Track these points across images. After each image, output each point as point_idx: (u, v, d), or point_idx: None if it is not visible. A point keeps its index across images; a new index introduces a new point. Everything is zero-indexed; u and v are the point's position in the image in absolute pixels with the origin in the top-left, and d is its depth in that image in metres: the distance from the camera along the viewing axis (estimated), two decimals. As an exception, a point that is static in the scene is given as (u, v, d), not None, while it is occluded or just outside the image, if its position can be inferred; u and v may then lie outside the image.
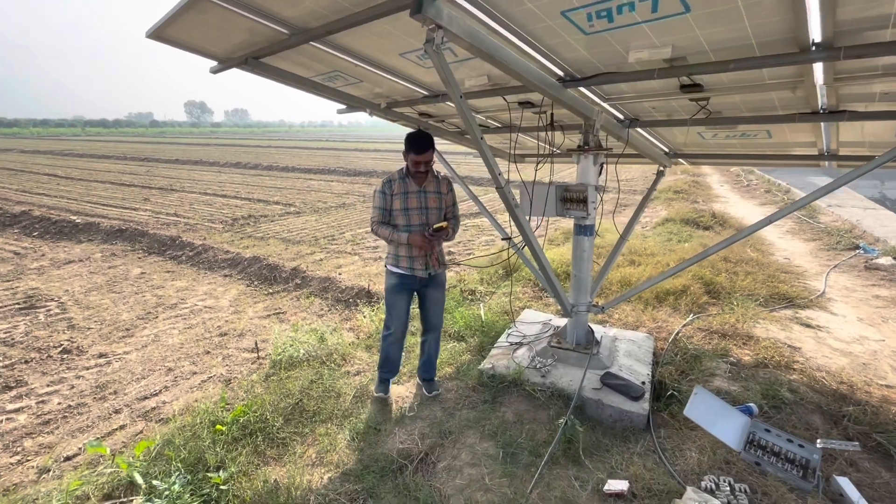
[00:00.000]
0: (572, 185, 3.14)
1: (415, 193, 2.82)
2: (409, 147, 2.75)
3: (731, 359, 3.41)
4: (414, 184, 2.82)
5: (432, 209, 2.87)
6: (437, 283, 3.05)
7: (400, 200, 2.80)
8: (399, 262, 2.89)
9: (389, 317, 3.02)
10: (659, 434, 2.70)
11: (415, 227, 2.83)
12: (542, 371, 3.19)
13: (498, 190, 2.46)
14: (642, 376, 3.13)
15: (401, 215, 2.81)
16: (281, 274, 6.01)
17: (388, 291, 2.99)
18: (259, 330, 4.56)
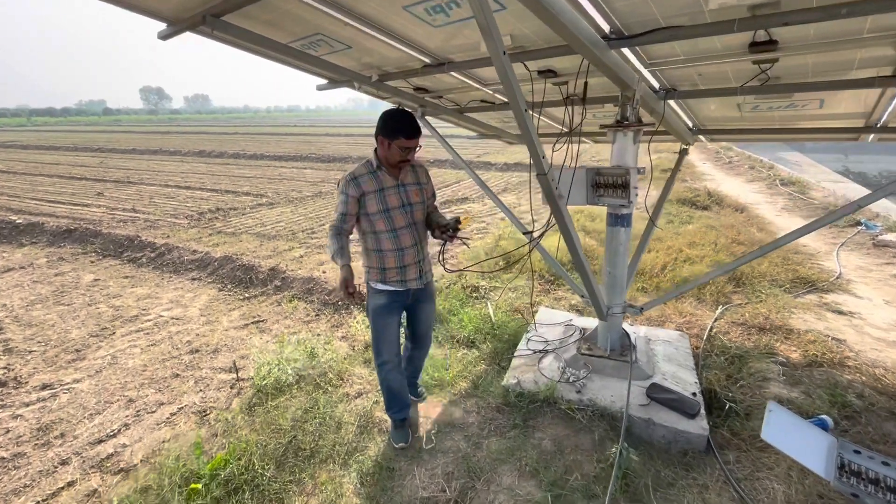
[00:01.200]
0: (607, 169, 2.66)
1: (393, 189, 2.27)
2: (394, 130, 2.15)
3: (780, 358, 3.06)
4: (389, 178, 2.27)
5: (416, 205, 2.35)
6: (429, 294, 2.56)
7: (376, 201, 2.23)
8: (387, 276, 2.35)
9: (380, 344, 2.46)
10: (726, 458, 2.31)
11: (401, 229, 2.31)
12: (578, 385, 2.76)
13: (540, 177, 1.96)
14: (690, 386, 2.74)
15: (381, 219, 2.26)
16: (257, 275, 5.37)
17: (375, 314, 2.42)
18: (236, 344, 3.97)
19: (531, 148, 1.83)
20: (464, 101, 3.76)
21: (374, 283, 2.39)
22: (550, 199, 2.02)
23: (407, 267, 2.37)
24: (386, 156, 2.24)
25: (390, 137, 2.17)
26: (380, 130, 2.20)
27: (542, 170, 1.90)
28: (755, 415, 2.54)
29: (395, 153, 2.19)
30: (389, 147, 2.19)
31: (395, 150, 2.18)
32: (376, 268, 2.36)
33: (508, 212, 3.45)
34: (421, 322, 2.61)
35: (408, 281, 2.39)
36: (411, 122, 2.17)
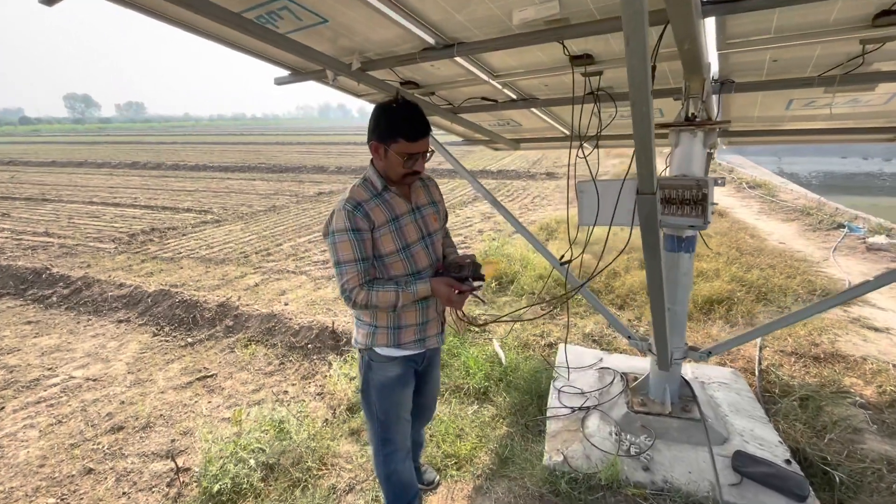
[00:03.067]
0: (669, 180, 2.08)
1: (409, 217, 1.60)
2: (390, 129, 1.47)
3: (857, 398, 2.60)
4: (401, 201, 1.59)
5: (436, 234, 1.69)
6: (438, 355, 1.92)
7: (392, 236, 1.55)
8: (402, 337, 1.65)
9: (391, 430, 1.74)
10: (862, 561, 1.76)
11: (424, 272, 1.63)
12: (644, 459, 2.13)
13: (643, 198, 1.32)
14: (777, 448, 2.19)
15: (400, 260, 1.58)
16: (203, 313, 4.40)
17: (382, 393, 1.70)
18: (176, 412, 3.04)
19: (643, 155, 1.18)
20: (457, 100, 3.08)
21: (383, 349, 1.66)
22: (649, 225, 1.38)
23: (429, 322, 1.68)
24: (385, 169, 1.54)
25: (386, 140, 1.47)
26: (371, 132, 1.50)
27: (650, 188, 1.25)
28: (866, 484, 2.02)
29: (396, 163, 1.49)
30: (386, 154, 1.49)
31: (395, 158, 1.48)
32: (387, 327, 1.63)
33: (539, 244, 2.78)
34: (431, 389, 1.94)
35: (428, 339, 1.70)
36: (415, 117, 1.47)
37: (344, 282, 1.51)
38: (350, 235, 1.48)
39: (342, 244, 1.48)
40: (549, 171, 14.44)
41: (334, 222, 1.50)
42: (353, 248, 1.48)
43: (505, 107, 2.99)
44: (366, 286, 1.52)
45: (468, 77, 2.51)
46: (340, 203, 1.51)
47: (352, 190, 1.54)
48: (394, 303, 1.53)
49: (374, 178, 1.56)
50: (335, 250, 1.51)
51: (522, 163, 17.09)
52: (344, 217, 1.48)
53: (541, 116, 3.32)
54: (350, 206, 1.48)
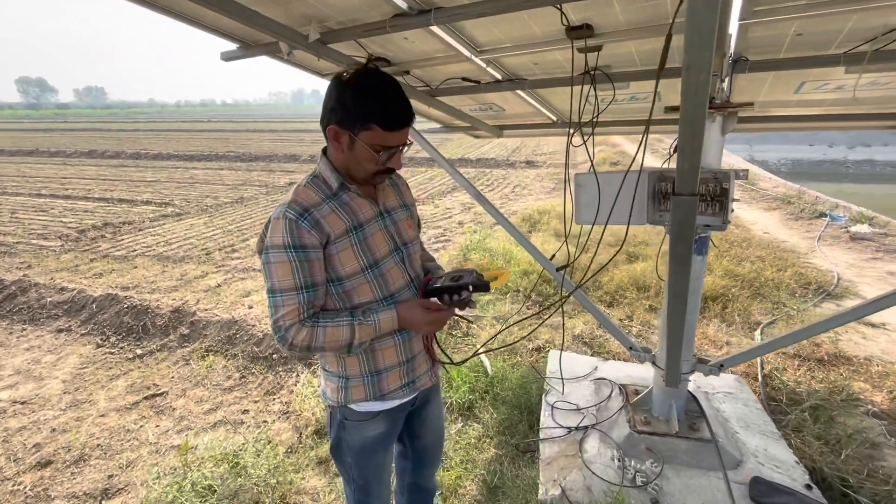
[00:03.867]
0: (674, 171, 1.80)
1: (376, 223, 1.24)
2: (363, 111, 1.09)
3: (870, 407, 2.42)
4: (365, 202, 1.23)
5: (412, 245, 1.33)
6: (437, 392, 1.53)
7: (354, 250, 1.18)
8: (383, 385, 1.28)
9: (370, 493, 1.41)
10: None
11: (401, 293, 1.27)
12: (652, 490, 1.88)
13: (682, 199, 1.02)
14: (793, 469, 1.98)
15: (366, 283, 1.21)
16: (155, 320, 3.96)
17: (361, 456, 1.35)
18: (118, 441, 2.65)
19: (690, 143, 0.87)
20: (435, 80, 2.72)
21: (361, 405, 1.29)
22: (683, 232, 1.08)
23: (416, 358, 1.32)
24: (347, 163, 1.16)
25: (353, 126, 1.09)
26: (330, 112, 1.12)
27: (691, 187, 0.95)
28: (892, 510, 1.83)
29: (364, 158, 1.12)
30: (352, 145, 1.12)
31: (364, 152, 1.11)
32: (362, 376, 1.27)
33: (532, 246, 2.47)
34: (432, 428, 1.53)
35: (418, 379, 1.34)
36: (395, 96, 1.10)
37: (278, 317, 1.12)
38: (290, 254, 1.10)
39: (279, 266, 1.11)
40: (529, 160, 14.19)
41: (271, 235, 1.13)
42: (294, 271, 1.11)
43: (489, 88, 2.65)
44: (308, 322, 1.15)
45: (448, 53, 2.16)
46: (281, 209, 1.13)
47: (296, 191, 1.16)
48: (348, 341, 1.16)
49: (327, 174, 1.18)
50: (269, 273, 1.12)
51: (501, 151, 16.81)
52: (283, 229, 1.10)
53: (527, 100, 2.99)
54: (293, 214, 1.11)
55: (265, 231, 1.17)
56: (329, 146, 1.18)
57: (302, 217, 1.10)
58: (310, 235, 1.10)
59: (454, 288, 1.22)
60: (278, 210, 1.13)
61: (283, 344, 1.13)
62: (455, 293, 1.23)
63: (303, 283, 1.12)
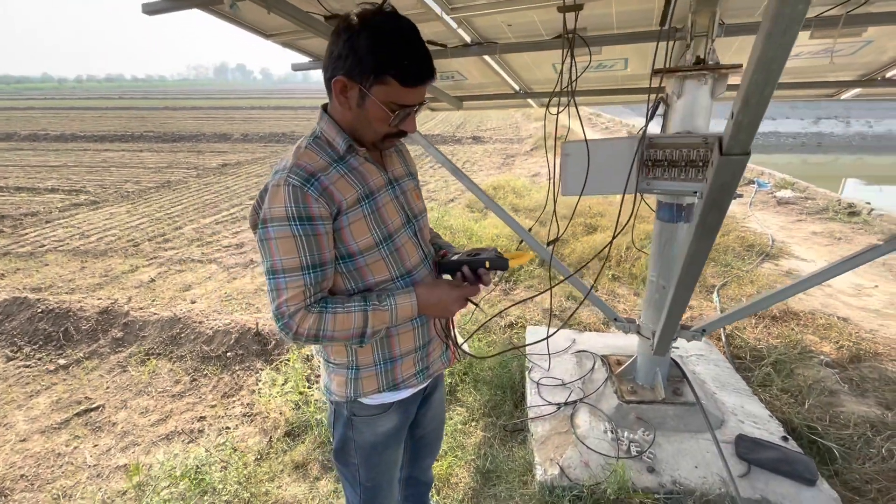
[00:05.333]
0: (669, 138, 1.75)
1: (387, 192, 1.07)
2: (391, 62, 0.89)
3: (822, 358, 2.61)
4: (374, 168, 1.06)
5: (421, 217, 1.18)
6: (441, 378, 1.42)
7: (367, 221, 1.02)
8: (398, 372, 1.14)
9: (378, 495, 1.27)
10: (878, 542, 1.67)
11: (417, 270, 1.12)
12: (647, 458, 1.89)
13: (732, 158, 0.91)
14: (768, 423, 2.08)
15: (380, 259, 1.05)
16: (80, 324, 3.45)
17: (371, 455, 1.21)
18: (47, 468, 2.27)
19: (758, 93, 0.76)
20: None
21: (373, 398, 1.14)
22: (722, 197, 0.99)
23: (431, 342, 1.18)
24: (354, 123, 0.99)
25: (367, 78, 0.90)
26: (338, 60, 0.92)
27: (744, 145, 0.85)
28: (856, 451, 1.97)
29: (377, 117, 0.95)
30: (363, 102, 0.94)
31: (377, 110, 0.94)
32: (375, 365, 1.11)
33: (517, 224, 2.35)
34: (434, 417, 1.40)
35: (431, 365, 1.20)
36: (418, 45, 0.92)
37: (281, 302, 0.95)
38: (295, 227, 0.93)
39: (281, 242, 0.94)
40: (475, 135, 14.11)
41: (270, 206, 0.94)
42: (300, 247, 0.94)
43: (456, 53, 2.46)
44: (316, 307, 0.98)
45: (416, 9, 1.94)
46: (280, 174, 0.94)
47: (297, 153, 0.97)
48: (361, 330, 1.01)
49: (332, 134, 1.00)
50: (269, 251, 0.95)
51: (446, 127, 16.59)
52: (287, 197, 0.92)
53: (492, 68, 2.84)
54: (298, 179, 0.92)
55: (259, 201, 0.98)
56: (333, 101, 0.99)
57: (308, 183, 0.93)
58: (318, 204, 0.93)
59: (471, 263, 1.09)
60: (277, 176, 0.95)
61: (287, 332, 0.97)
62: (471, 269, 1.09)
63: (310, 261, 0.95)
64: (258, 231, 0.97)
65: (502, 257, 1.09)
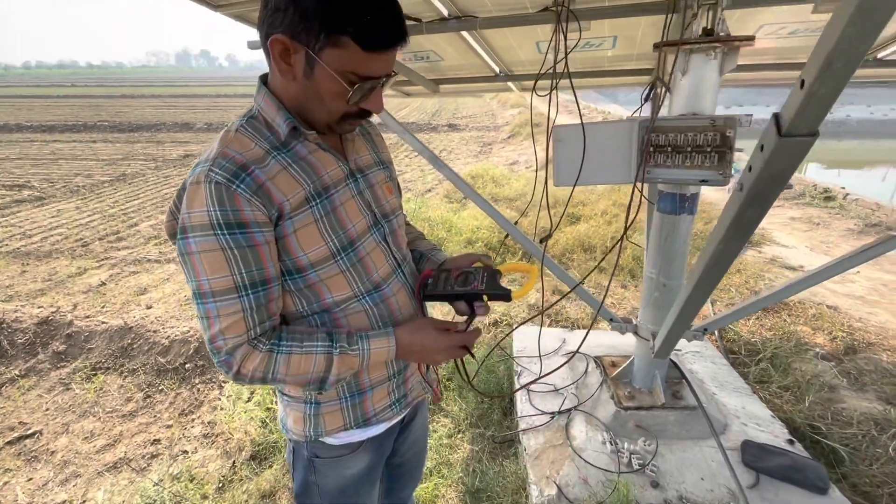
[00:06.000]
0: (673, 120, 1.57)
1: (346, 187, 0.83)
2: (349, 16, 0.65)
3: (818, 350, 2.52)
4: (329, 157, 0.82)
5: (395, 217, 0.95)
6: (424, 402, 1.19)
7: (320, 226, 0.78)
8: (368, 405, 0.92)
9: None
10: (895, 553, 1.57)
11: (389, 283, 0.90)
12: (650, 472, 1.74)
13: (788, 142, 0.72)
14: (772, 425, 1.96)
15: (339, 272, 0.82)
16: (14, 337, 3.07)
17: (337, 497, 1.00)
18: (-31, 510, 1.97)
19: (843, 58, 0.56)
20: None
21: (338, 437, 0.93)
22: (776, 183, 0.79)
23: (410, 366, 0.97)
24: (300, 99, 0.76)
25: (316, 37, 0.67)
26: (279, 15, 0.67)
27: (812, 124, 0.66)
28: (862, 451, 1.88)
29: (332, 91, 0.72)
30: (310, 70, 0.70)
31: (329, 82, 0.70)
32: (339, 399, 0.90)
33: (510, 225, 2.13)
34: (417, 445, 1.19)
35: (410, 392, 1.00)
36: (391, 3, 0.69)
37: (215, 334, 0.74)
38: (224, 238, 0.71)
39: (208, 257, 0.71)
40: (451, 123, 13.82)
41: (188, 210, 0.71)
42: (231, 262, 0.72)
43: (432, 29, 2.20)
44: (265, 343, 0.77)
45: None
46: (199, 169, 0.72)
47: (225, 140, 0.74)
48: (321, 376, 0.80)
49: (270, 113, 0.77)
50: (193, 269, 0.73)
51: (421, 115, 16.23)
52: (209, 198, 0.69)
53: (472, 47, 2.59)
54: (223, 175, 0.70)
55: (177, 204, 0.75)
56: (272, 70, 0.75)
57: (237, 179, 0.70)
58: (252, 207, 0.71)
59: (466, 296, 0.87)
60: (197, 170, 0.71)
61: (227, 371, 0.77)
62: (467, 303, 0.88)
63: (247, 279, 0.74)
64: (177, 243, 0.73)
65: (503, 289, 0.87)
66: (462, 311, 0.91)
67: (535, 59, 2.83)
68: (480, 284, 0.87)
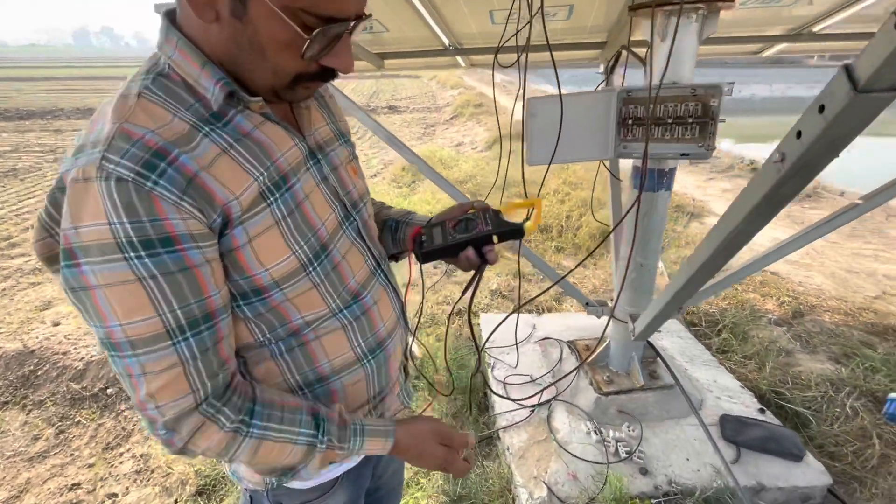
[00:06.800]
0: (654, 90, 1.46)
1: (307, 171, 0.62)
2: None
3: (770, 317, 2.63)
4: (283, 134, 0.59)
5: (364, 203, 0.74)
6: None
7: (283, 228, 0.57)
8: None
9: None
10: None
11: (370, 291, 0.71)
12: (637, 458, 1.69)
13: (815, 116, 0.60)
14: (742, 395, 2.00)
15: (313, 285, 0.62)
16: None
17: None
18: None
19: None
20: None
21: (303, 480, 0.73)
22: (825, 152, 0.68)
23: (391, 384, 0.80)
24: (232, 51, 0.52)
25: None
26: None
27: (889, 79, 0.54)
28: (824, 412, 1.96)
29: (277, 42, 0.50)
30: (244, 6, 0.47)
31: (275, 27, 0.48)
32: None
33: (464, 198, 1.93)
34: (394, 461, 1.00)
35: (387, 410, 0.83)
36: None
37: (143, 399, 0.52)
38: (139, 265, 0.47)
39: (116, 293, 0.48)
40: (391, 105, 13.37)
41: (75, 223, 0.46)
42: (157, 300, 0.49)
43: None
44: (225, 416, 0.56)
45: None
46: (88, 157, 0.46)
47: (122, 110, 0.49)
48: (295, 465, 0.64)
49: (192, 70, 0.52)
50: (95, 311, 0.49)
51: (358, 97, 15.57)
52: (107, 204, 0.45)
53: (421, 14, 2.36)
54: (128, 166, 0.46)
55: (51, 212, 0.52)
56: (183, 6, 0.51)
57: (152, 171, 0.47)
58: (180, 213, 0.48)
59: (475, 240, 0.72)
60: (81, 159, 0.47)
61: (168, 448, 0.55)
62: (476, 250, 0.73)
63: (182, 318, 0.51)
64: (62, 273, 0.49)
65: (507, 221, 0.74)
66: (467, 265, 0.75)
67: (488, 30, 2.63)
68: (486, 226, 0.73)
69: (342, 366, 0.70)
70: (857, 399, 1.98)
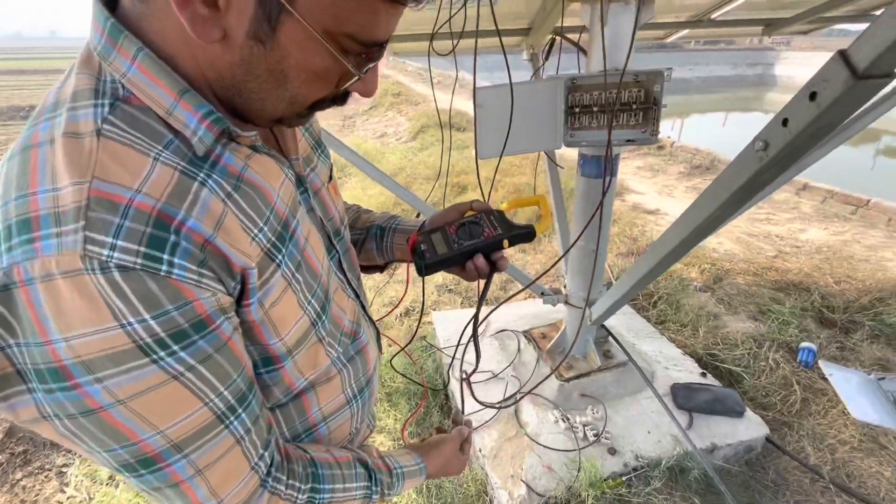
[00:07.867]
0: (596, 78, 1.47)
1: (300, 206, 0.51)
2: None
3: (696, 284, 2.85)
4: (273, 165, 0.47)
5: (345, 232, 0.64)
6: None
7: (295, 286, 0.47)
8: None
9: None
10: (798, 448, 1.82)
11: (360, 334, 0.63)
12: (604, 439, 1.73)
13: None
14: (685, 362, 2.15)
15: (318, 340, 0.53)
16: None
17: None
18: None
19: None
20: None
21: None
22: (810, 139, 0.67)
23: (364, 410, 0.69)
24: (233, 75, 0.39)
25: None
26: None
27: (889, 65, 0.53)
28: (751, 367, 2.17)
29: (315, 65, 0.39)
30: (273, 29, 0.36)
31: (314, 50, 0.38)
32: None
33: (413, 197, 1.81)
34: None
35: (356, 439, 0.74)
36: None
37: (203, 498, 0.42)
38: (172, 362, 0.37)
39: (149, 401, 0.37)
40: (303, 96, 12.58)
41: (66, 336, 0.33)
42: (201, 390, 0.39)
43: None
44: (292, 488, 0.49)
45: None
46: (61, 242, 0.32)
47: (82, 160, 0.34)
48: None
49: (164, 100, 0.38)
50: (118, 430, 0.37)
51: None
52: (115, 302, 0.33)
53: None
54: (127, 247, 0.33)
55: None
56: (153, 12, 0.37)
57: (163, 248, 0.35)
58: (204, 291, 0.38)
59: (480, 250, 0.64)
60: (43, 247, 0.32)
61: None
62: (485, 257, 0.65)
63: (231, 397, 0.42)
64: (44, 400, 0.36)
65: (524, 226, 0.65)
66: (476, 275, 0.66)
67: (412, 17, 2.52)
68: (494, 230, 0.64)
69: (331, 411, 0.62)
70: (776, 352, 2.22)
